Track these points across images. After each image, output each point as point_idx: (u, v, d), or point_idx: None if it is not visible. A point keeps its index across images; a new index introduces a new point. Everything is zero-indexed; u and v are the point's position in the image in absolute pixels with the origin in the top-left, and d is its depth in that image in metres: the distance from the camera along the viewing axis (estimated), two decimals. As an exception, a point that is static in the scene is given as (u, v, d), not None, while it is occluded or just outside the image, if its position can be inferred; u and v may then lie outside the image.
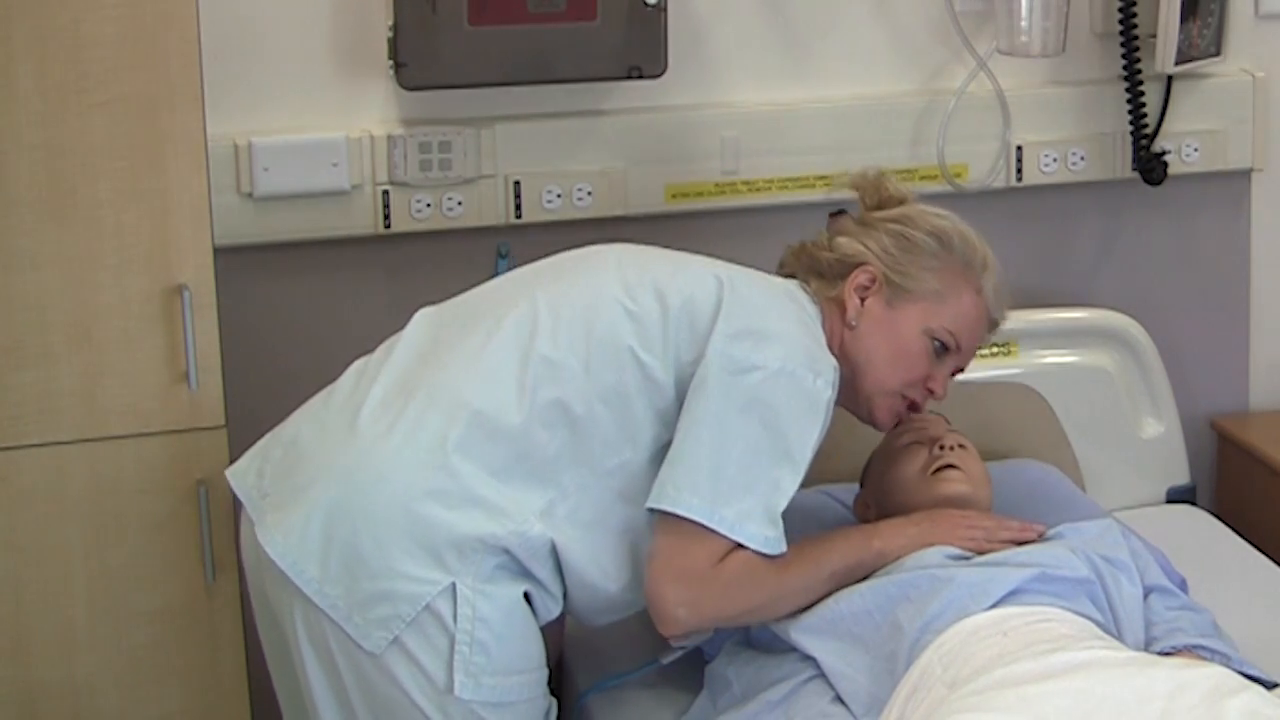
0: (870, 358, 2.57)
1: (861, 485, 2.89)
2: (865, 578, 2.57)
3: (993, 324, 2.70)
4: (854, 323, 2.57)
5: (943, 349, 2.60)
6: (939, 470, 2.74)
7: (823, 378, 2.44)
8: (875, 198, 2.71)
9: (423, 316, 2.56)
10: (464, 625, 2.34)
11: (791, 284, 2.61)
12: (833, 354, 2.52)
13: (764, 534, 2.40)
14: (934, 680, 2.36)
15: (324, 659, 2.41)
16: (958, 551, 2.58)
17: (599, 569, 2.45)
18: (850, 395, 2.60)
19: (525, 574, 2.41)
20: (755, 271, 2.60)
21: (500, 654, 2.37)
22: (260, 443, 2.54)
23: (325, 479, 2.40)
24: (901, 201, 2.70)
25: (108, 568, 2.70)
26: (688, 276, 2.49)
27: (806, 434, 2.42)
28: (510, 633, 2.38)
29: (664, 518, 2.39)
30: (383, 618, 2.34)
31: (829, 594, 2.54)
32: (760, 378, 2.39)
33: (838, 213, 2.75)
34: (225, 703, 2.78)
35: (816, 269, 2.63)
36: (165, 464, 2.69)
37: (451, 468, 2.37)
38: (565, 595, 2.48)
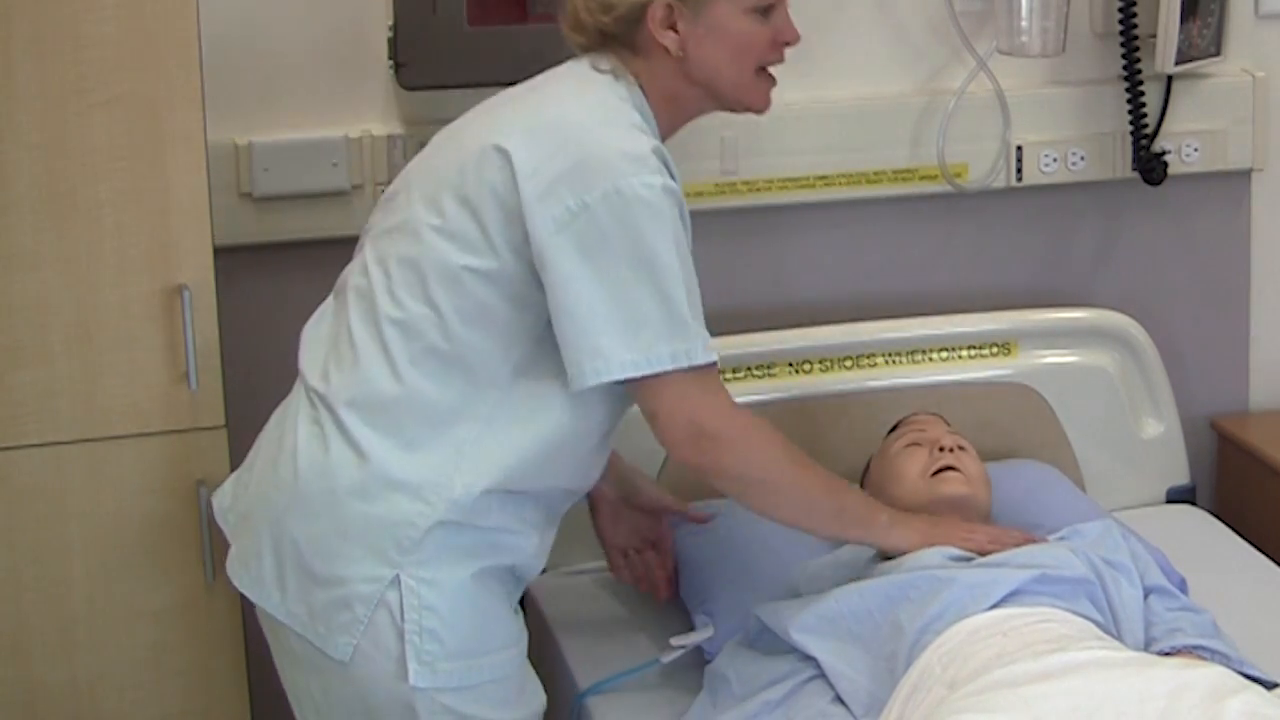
0: (716, 69, 2.47)
1: (861, 486, 2.89)
2: (856, 577, 2.57)
3: None
4: (681, 54, 2.45)
5: (768, 8, 2.50)
6: (938, 472, 2.75)
7: (646, 169, 2.33)
8: None
9: (311, 321, 2.53)
10: (410, 615, 2.34)
11: (581, 71, 2.48)
12: (672, 101, 2.46)
13: (683, 348, 2.33)
14: (934, 680, 2.36)
15: (296, 674, 2.44)
16: (958, 552, 2.58)
17: (570, 451, 2.42)
18: (720, 104, 2.52)
19: (483, 540, 2.38)
20: (541, 84, 2.49)
21: (453, 639, 2.36)
22: (241, 468, 2.55)
23: (262, 506, 2.43)
24: None
25: (108, 568, 2.70)
26: (476, 166, 2.38)
27: (662, 235, 2.33)
28: (460, 617, 2.37)
29: (631, 388, 2.36)
30: (344, 624, 2.36)
31: (829, 539, 2.53)
32: (587, 218, 2.31)
33: None
34: (225, 703, 2.78)
35: (605, 35, 2.49)
36: (165, 464, 2.69)
37: (363, 461, 2.36)
38: (549, 503, 2.45)
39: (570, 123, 2.39)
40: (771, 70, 2.53)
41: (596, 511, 2.81)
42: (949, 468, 2.75)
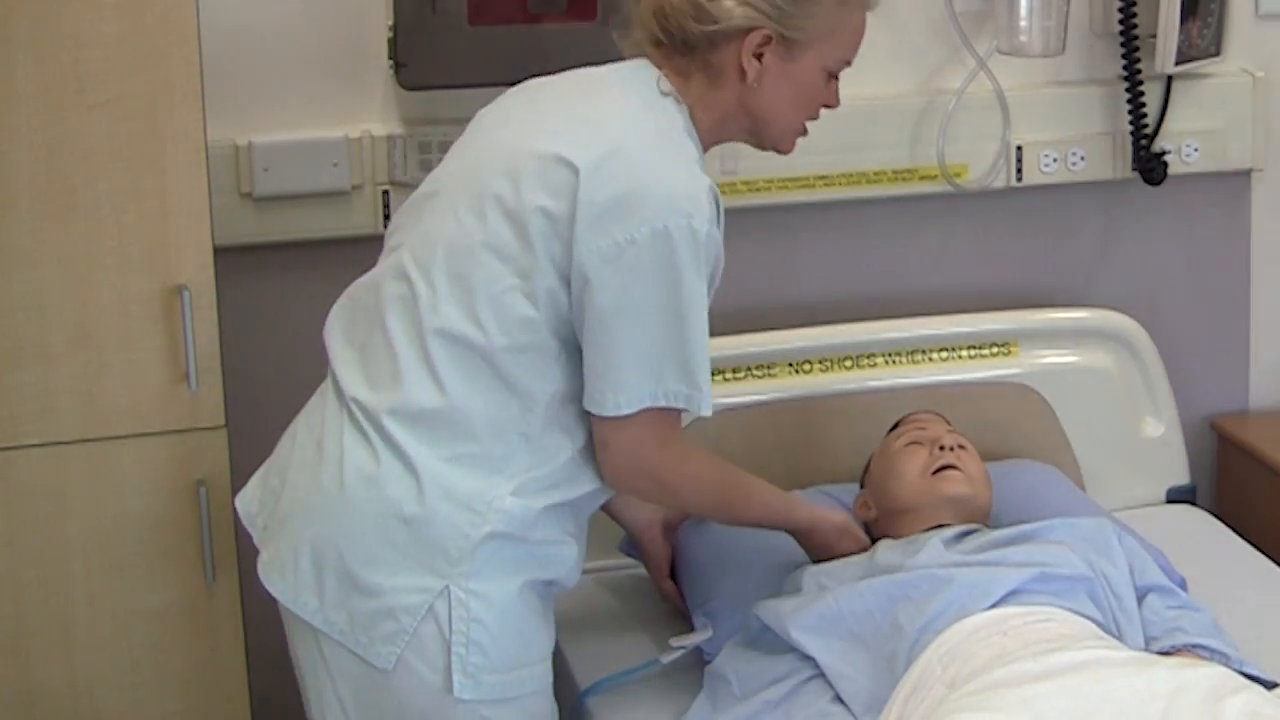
0: (774, 109, 2.48)
1: (861, 485, 2.89)
2: (858, 576, 2.57)
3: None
4: (755, 84, 2.44)
5: (837, 74, 2.52)
6: (939, 470, 2.75)
7: (698, 212, 2.33)
8: None
9: (335, 324, 2.50)
10: (459, 627, 2.33)
11: (644, 88, 2.45)
12: (719, 122, 2.48)
13: (693, 392, 2.36)
14: (934, 680, 2.36)
15: (325, 681, 2.41)
16: (958, 558, 2.58)
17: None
18: (757, 138, 2.54)
19: (531, 554, 2.38)
20: (598, 91, 2.47)
21: (498, 652, 2.36)
22: (263, 468, 2.53)
23: (303, 511, 2.41)
24: None
25: (108, 568, 2.70)
26: (532, 175, 2.36)
27: (698, 281, 2.34)
28: (506, 630, 2.36)
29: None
30: (388, 633, 2.34)
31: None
32: (634, 253, 2.31)
33: None
34: (225, 703, 2.78)
35: (683, 42, 2.44)
36: (165, 464, 2.69)
37: (411, 472, 2.34)
38: (587, 508, 2.48)
39: (633, 150, 2.37)
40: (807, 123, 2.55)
41: (644, 539, 2.84)
42: (949, 466, 2.75)
